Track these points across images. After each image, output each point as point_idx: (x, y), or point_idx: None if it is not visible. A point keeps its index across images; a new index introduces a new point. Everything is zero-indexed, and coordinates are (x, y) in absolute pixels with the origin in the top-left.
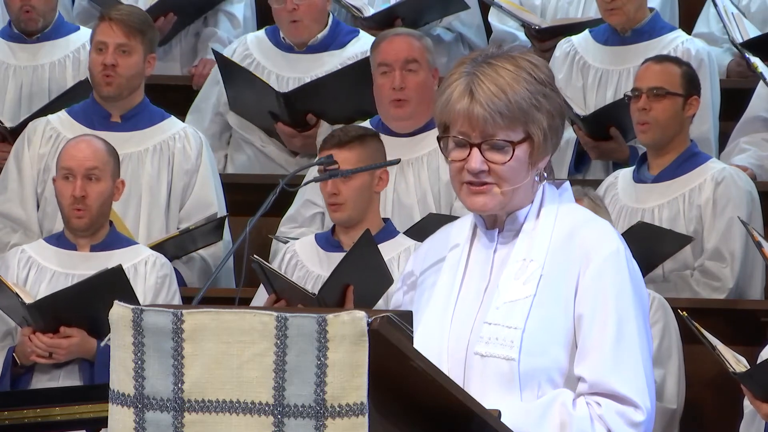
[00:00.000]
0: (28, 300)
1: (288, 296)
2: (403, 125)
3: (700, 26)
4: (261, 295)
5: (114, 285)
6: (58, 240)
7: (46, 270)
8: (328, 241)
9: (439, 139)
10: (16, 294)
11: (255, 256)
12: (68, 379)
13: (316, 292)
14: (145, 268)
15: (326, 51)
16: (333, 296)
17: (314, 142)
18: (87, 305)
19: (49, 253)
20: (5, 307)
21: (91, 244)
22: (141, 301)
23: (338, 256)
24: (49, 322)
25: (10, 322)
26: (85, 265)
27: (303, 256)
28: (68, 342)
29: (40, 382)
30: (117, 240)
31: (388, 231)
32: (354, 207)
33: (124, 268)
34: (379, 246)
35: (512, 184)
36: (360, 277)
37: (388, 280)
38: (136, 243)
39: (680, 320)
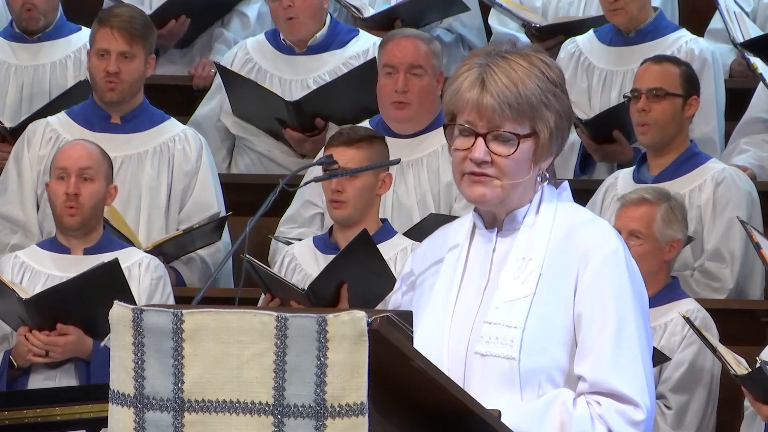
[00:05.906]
0: (24, 296)
1: (281, 294)
2: (402, 127)
3: (715, 22)
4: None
5: (110, 280)
6: (51, 244)
7: (40, 274)
8: (325, 243)
9: (445, 127)
10: (13, 290)
11: (246, 255)
12: (65, 379)
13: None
14: (139, 270)
15: (327, 51)
16: (325, 293)
17: (323, 145)
18: (83, 301)
19: (43, 257)
20: (1, 311)
21: (84, 246)
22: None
23: None
24: (46, 320)
25: (6, 327)
26: (79, 267)
27: (301, 259)
28: (65, 340)
29: (37, 382)
30: (110, 243)
31: (386, 231)
32: (355, 206)
33: None
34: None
35: (513, 178)
36: (359, 277)
37: (390, 283)
38: (129, 245)
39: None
